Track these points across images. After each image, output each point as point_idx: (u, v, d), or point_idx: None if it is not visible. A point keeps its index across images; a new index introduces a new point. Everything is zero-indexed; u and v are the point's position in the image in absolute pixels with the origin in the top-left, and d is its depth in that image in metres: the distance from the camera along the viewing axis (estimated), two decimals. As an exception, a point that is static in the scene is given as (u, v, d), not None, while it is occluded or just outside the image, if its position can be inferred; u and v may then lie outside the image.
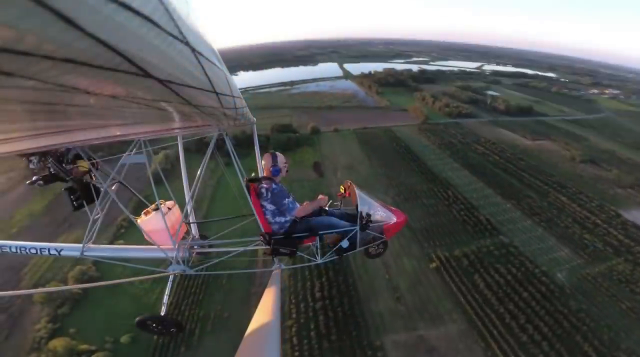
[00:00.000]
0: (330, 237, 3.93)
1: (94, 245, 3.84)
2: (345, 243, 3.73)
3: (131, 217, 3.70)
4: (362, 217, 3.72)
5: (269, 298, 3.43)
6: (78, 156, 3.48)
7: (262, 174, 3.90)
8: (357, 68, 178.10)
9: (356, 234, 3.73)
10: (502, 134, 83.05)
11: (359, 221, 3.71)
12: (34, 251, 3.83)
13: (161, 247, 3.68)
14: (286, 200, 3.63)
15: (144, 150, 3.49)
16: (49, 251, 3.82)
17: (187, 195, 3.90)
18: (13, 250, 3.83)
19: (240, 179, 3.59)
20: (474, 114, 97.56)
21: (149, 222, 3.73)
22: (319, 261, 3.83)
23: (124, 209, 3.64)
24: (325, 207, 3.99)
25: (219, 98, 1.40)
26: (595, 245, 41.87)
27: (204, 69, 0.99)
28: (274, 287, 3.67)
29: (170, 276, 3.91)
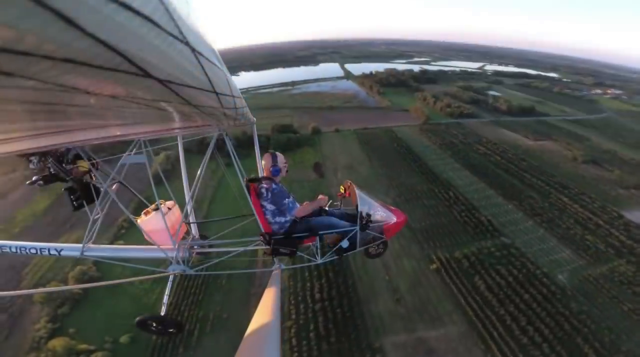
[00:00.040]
0: (330, 237, 3.93)
1: (94, 245, 3.85)
2: (345, 243, 3.73)
3: (131, 217, 3.71)
4: (362, 217, 3.72)
5: (269, 298, 3.42)
6: (78, 156, 3.49)
7: (262, 174, 3.91)
8: (359, 68, 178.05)
9: (356, 234, 3.73)
10: (504, 134, 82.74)
11: (359, 221, 3.71)
12: (34, 251, 3.84)
13: (161, 247, 3.68)
14: (286, 200, 3.64)
15: (144, 150, 3.50)
16: (49, 251, 3.82)
17: (187, 195, 3.90)
18: (13, 250, 3.84)
19: (241, 179, 3.59)
20: (475, 114, 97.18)
21: (148, 222, 3.74)
22: (319, 261, 3.83)
23: (123, 209, 3.65)
24: (325, 207, 3.98)
25: (218, 98, 1.40)
26: (597, 246, 41.65)
27: (204, 69, 0.99)
28: (274, 287, 3.67)
29: (170, 276, 3.91)
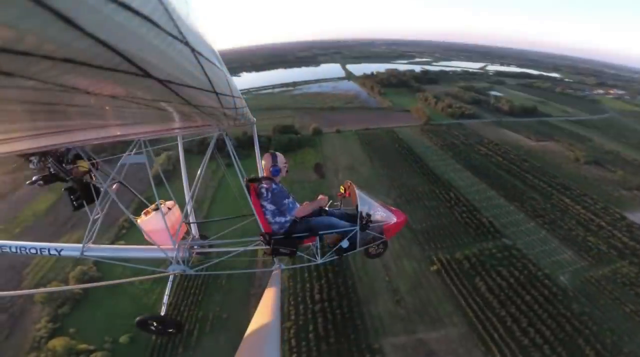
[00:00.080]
0: (330, 237, 3.93)
1: (94, 245, 3.85)
2: (345, 243, 3.73)
3: (131, 217, 3.71)
4: (362, 217, 3.72)
5: (269, 298, 3.42)
6: (78, 156, 3.49)
7: (262, 174, 3.91)
8: (360, 69, 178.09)
9: (356, 234, 3.72)
10: (506, 134, 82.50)
11: (359, 221, 3.70)
12: (34, 251, 3.84)
13: (161, 247, 3.68)
14: (286, 200, 3.64)
15: (144, 150, 3.50)
16: (49, 251, 3.82)
17: (187, 195, 3.90)
18: (13, 250, 3.84)
19: (241, 179, 3.59)
20: (477, 114, 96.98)
21: (149, 222, 3.74)
22: (319, 261, 3.83)
23: (123, 209, 3.65)
24: (326, 207, 3.98)
25: (218, 98, 1.40)
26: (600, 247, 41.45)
27: (203, 69, 0.99)
28: (274, 287, 3.66)
29: (170, 276, 3.91)
